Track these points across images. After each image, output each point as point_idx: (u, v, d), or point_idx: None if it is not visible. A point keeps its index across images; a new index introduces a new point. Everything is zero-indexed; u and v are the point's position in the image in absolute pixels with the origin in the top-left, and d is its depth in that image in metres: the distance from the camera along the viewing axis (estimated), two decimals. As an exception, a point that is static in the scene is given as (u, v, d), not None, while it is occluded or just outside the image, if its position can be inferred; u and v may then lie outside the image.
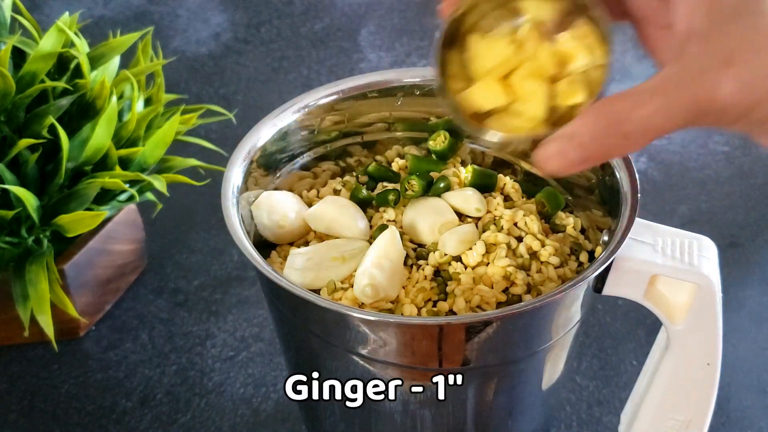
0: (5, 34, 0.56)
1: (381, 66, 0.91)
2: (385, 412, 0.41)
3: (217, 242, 0.69)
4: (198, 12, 1.01)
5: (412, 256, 0.42)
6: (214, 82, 0.88)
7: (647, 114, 0.29)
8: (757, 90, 0.28)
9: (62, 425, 0.55)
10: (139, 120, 0.58)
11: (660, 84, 0.29)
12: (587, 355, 0.59)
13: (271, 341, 0.60)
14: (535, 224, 0.43)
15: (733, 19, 0.29)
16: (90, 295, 0.60)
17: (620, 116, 0.29)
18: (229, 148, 0.44)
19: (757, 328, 0.61)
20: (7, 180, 0.51)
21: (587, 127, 0.30)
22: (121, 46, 0.58)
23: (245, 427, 0.54)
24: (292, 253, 0.42)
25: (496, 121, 0.35)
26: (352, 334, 0.38)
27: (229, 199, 0.41)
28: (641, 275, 0.39)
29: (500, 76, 0.34)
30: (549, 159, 0.31)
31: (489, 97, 0.35)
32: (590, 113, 0.30)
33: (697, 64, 0.29)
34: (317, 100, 0.47)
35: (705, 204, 0.72)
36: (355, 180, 0.48)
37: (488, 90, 0.35)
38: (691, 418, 0.43)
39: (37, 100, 0.54)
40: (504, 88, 0.34)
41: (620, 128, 0.29)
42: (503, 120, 0.35)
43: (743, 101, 0.29)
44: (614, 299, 0.41)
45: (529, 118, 0.34)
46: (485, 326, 0.36)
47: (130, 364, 0.59)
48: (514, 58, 0.34)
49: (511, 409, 0.43)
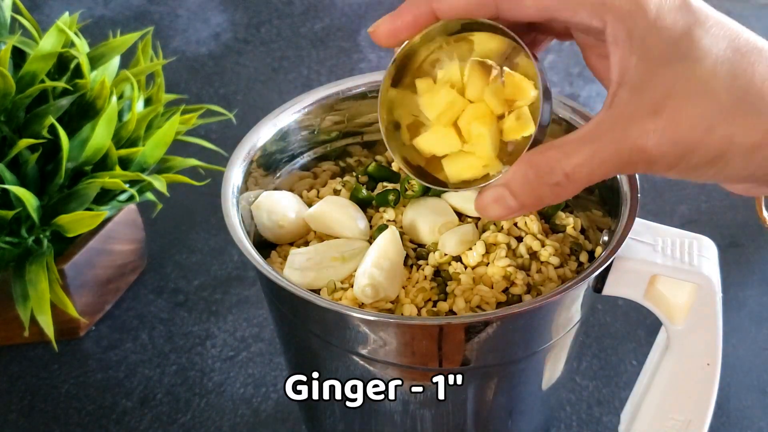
0: (5, 34, 0.56)
1: (381, 66, 0.91)
2: (385, 412, 0.41)
3: (217, 242, 0.69)
4: (198, 12, 1.01)
5: (412, 256, 0.42)
6: (214, 82, 0.88)
7: (575, 164, 0.29)
8: (684, 140, 0.29)
9: (62, 425, 0.55)
10: (139, 120, 0.58)
11: (589, 133, 0.30)
12: (587, 355, 0.59)
13: (271, 341, 0.60)
14: (535, 224, 0.43)
15: (664, 66, 0.29)
16: (90, 295, 0.60)
17: (549, 167, 0.30)
18: (229, 148, 0.44)
19: (757, 328, 0.61)
20: (7, 180, 0.51)
21: (518, 178, 0.31)
22: (121, 46, 0.58)
23: (245, 427, 0.54)
24: (292, 253, 0.42)
25: (450, 161, 0.36)
26: (352, 334, 0.38)
27: (229, 199, 0.41)
28: (641, 275, 0.39)
29: (450, 121, 0.35)
30: (488, 206, 0.32)
31: (442, 144, 0.35)
32: (521, 164, 0.31)
33: (627, 114, 0.29)
34: (317, 100, 0.47)
35: (705, 204, 0.72)
36: (355, 180, 0.48)
37: (441, 136, 0.35)
38: (691, 418, 0.43)
39: (37, 100, 0.54)
40: (456, 132, 0.35)
41: (550, 179, 0.30)
42: (457, 160, 0.35)
43: (671, 152, 0.29)
44: (614, 299, 0.41)
45: (481, 157, 0.35)
46: (485, 326, 0.36)
47: (130, 364, 0.59)
48: (459, 102, 0.35)
49: (511, 409, 0.43)
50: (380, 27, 0.33)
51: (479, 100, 0.35)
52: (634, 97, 0.29)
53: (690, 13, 0.29)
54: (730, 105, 0.28)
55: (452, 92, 0.35)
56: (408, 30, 0.33)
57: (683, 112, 0.28)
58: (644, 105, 0.29)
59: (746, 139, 0.29)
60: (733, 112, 0.28)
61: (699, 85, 0.29)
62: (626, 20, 0.29)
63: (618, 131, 0.29)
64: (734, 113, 0.28)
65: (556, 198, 0.31)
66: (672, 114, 0.29)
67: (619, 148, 0.29)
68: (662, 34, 0.29)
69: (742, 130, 0.28)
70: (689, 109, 0.28)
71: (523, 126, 0.33)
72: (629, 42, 0.29)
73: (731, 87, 0.29)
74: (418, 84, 0.36)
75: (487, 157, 0.34)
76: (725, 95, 0.28)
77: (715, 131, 0.28)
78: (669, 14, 0.29)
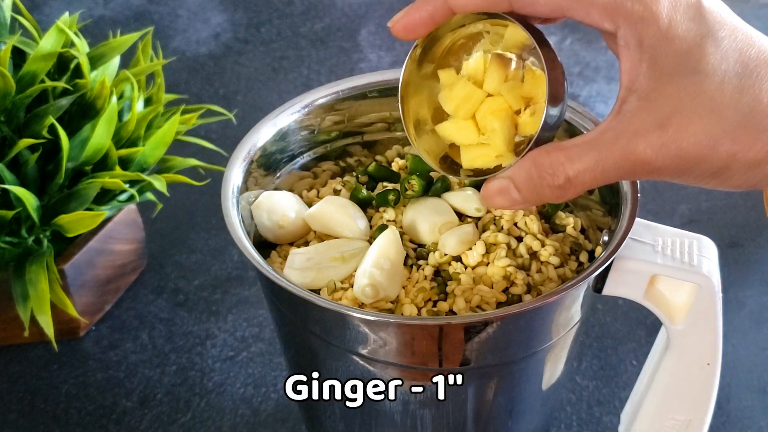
0: (5, 34, 0.56)
1: (381, 66, 0.92)
2: (385, 412, 0.41)
3: (217, 242, 0.69)
4: (198, 12, 1.01)
5: (412, 256, 0.42)
6: (214, 82, 0.88)
7: (579, 170, 0.30)
8: (688, 155, 0.29)
9: (62, 425, 0.55)
10: (139, 120, 0.58)
11: (595, 139, 0.30)
12: (587, 355, 0.59)
13: (271, 341, 0.60)
14: (535, 224, 0.43)
15: (673, 79, 0.29)
16: (90, 295, 0.60)
17: (552, 169, 0.31)
18: (229, 148, 0.44)
19: (757, 328, 0.61)
20: (7, 180, 0.51)
21: (522, 174, 0.32)
22: (121, 46, 0.58)
23: (245, 427, 0.54)
24: (292, 253, 0.42)
25: (467, 150, 0.36)
26: (352, 334, 0.38)
27: (229, 199, 0.41)
28: (641, 275, 0.39)
29: (468, 115, 0.36)
30: (493, 196, 0.33)
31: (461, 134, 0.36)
32: (526, 162, 0.32)
33: (633, 125, 0.30)
34: (317, 100, 0.47)
35: (705, 204, 0.72)
36: (355, 180, 0.48)
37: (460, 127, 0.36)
38: (691, 418, 0.43)
39: (37, 100, 0.54)
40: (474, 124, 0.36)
41: (552, 181, 0.31)
42: (473, 149, 0.36)
43: (674, 164, 0.29)
44: (614, 299, 0.41)
45: (495, 149, 0.35)
46: (485, 326, 0.36)
47: (130, 364, 0.59)
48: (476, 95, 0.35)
49: (511, 409, 0.43)
50: (398, 22, 0.34)
51: (497, 94, 0.35)
52: (642, 107, 0.30)
53: (703, 23, 0.30)
54: (736, 123, 0.29)
55: (469, 85, 0.35)
56: (425, 25, 0.34)
57: (689, 129, 0.29)
58: (651, 117, 0.29)
59: (749, 156, 0.29)
60: (738, 129, 0.29)
61: (706, 102, 0.29)
62: (638, 26, 0.29)
63: (623, 141, 0.29)
64: (739, 131, 0.29)
65: (557, 198, 0.31)
66: (678, 129, 0.29)
67: (623, 159, 0.30)
68: (674, 44, 0.29)
69: (745, 148, 0.29)
70: (695, 126, 0.29)
71: (537, 122, 0.33)
72: (640, 49, 0.29)
73: (737, 104, 0.29)
74: (441, 75, 0.36)
75: (500, 150, 0.35)
76: (731, 113, 0.29)
77: (719, 148, 0.29)
78: (682, 23, 0.29)
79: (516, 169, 0.32)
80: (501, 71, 0.35)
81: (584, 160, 0.30)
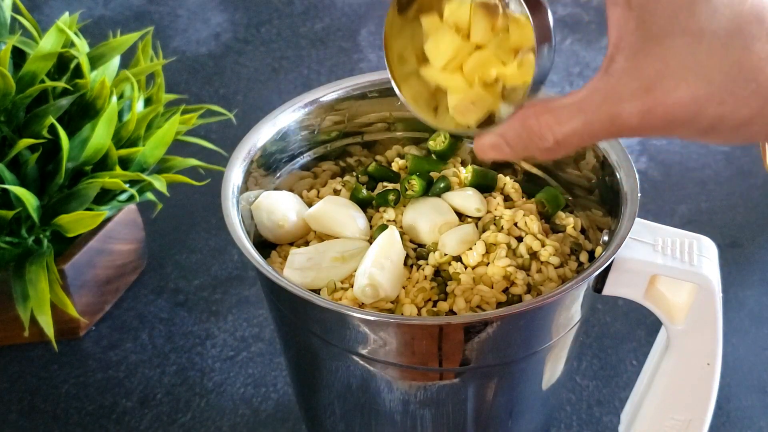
0: (5, 34, 0.56)
1: (381, 66, 0.91)
2: (385, 412, 0.41)
3: (217, 242, 0.69)
4: (198, 12, 1.01)
5: (412, 256, 0.42)
6: (214, 82, 0.88)
7: (566, 132, 0.31)
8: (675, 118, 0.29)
9: (62, 425, 0.55)
10: (139, 120, 0.58)
11: (583, 101, 0.30)
12: (587, 355, 0.59)
13: (271, 341, 0.60)
14: (535, 224, 0.43)
15: (660, 40, 0.29)
16: (90, 295, 0.60)
17: (541, 133, 0.31)
18: (229, 148, 0.44)
19: (757, 328, 0.61)
20: (7, 180, 0.51)
21: (512, 133, 0.32)
22: (121, 46, 0.58)
23: (245, 427, 0.54)
24: (292, 253, 0.42)
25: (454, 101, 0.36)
26: (352, 334, 0.38)
27: (229, 199, 0.41)
28: (641, 275, 0.39)
29: (456, 68, 0.36)
30: (485, 150, 0.34)
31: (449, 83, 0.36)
32: (516, 121, 0.32)
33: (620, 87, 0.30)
34: (317, 100, 0.47)
35: (705, 204, 0.72)
36: (355, 180, 0.48)
37: (447, 76, 0.36)
38: (691, 418, 0.43)
39: (37, 100, 0.54)
40: (461, 75, 0.36)
41: (541, 143, 0.31)
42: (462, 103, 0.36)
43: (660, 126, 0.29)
44: (614, 299, 0.41)
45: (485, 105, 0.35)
46: (485, 326, 0.36)
47: (130, 364, 0.59)
48: (464, 48, 0.35)
49: (511, 409, 0.43)
50: None
51: (484, 45, 0.35)
52: (629, 68, 0.29)
53: None
54: (723, 86, 0.29)
55: (457, 39, 0.35)
56: None
57: (676, 93, 0.29)
58: (637, 80, 0.29)
59: (736, 117, 0.29)
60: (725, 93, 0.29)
61: (693, 65, 0.29)
62: None
63: (610, 104, 0.30)
64: (725, 95, 0.29)
65: (546, 157, 0.32)
66: (664, 93, 0.29)
67: (610, 122, 0.30)
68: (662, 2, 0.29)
69: (732, 110, 0.29)
70: (681, 90, 0.29)
71: (524, 74, 0.33)
72: (628, 6, 0.29)
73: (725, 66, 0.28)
74: (424, 21, 0.36)
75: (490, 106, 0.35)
76: (719, 75, 0.28)
77: (705, 111, 0.29)
78: None
79: (507, 128, 0.32)
80: (487, 20, 0.34)
81: (572, 123, 0.30)
